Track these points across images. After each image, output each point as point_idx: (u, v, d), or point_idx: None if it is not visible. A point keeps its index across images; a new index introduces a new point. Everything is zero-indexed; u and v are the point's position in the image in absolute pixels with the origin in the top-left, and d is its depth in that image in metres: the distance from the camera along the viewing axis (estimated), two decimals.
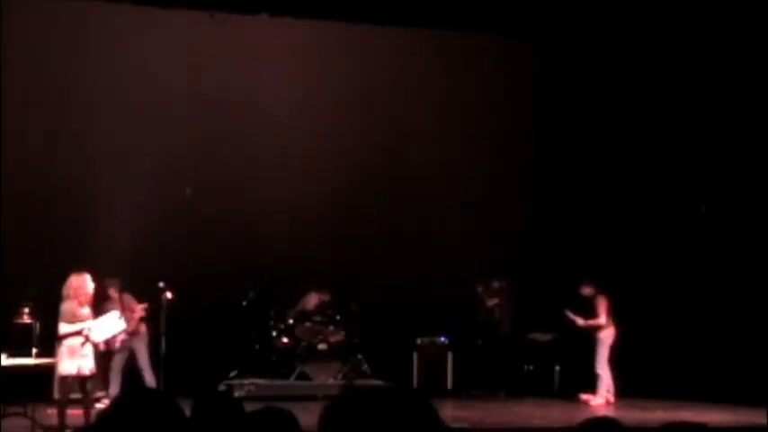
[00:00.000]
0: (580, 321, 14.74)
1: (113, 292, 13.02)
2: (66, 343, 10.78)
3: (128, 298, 13.21)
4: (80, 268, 11.15)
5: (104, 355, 12.46)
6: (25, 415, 11.14)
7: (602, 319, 14.62)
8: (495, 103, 16.61)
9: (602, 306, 14.66)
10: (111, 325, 11.06)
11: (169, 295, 12.67)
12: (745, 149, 14.66)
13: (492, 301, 15.74)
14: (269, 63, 15.63)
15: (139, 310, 13.23)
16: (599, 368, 14.55)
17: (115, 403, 2.90)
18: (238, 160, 15.54)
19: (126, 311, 12.74)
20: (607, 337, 14.60)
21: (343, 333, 15.24)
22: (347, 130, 15.93)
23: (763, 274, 14.00)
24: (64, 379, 10.82)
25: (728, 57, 14.70)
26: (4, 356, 10.99)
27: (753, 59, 14.37)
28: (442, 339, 15.72)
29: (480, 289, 15.77)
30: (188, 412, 3.92)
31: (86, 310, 10.86)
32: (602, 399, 14.46)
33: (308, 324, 15.16)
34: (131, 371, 13.17)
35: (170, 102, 15.14)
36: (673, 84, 15.47)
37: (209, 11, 14.50)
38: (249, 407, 3.73)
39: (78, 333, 10.84)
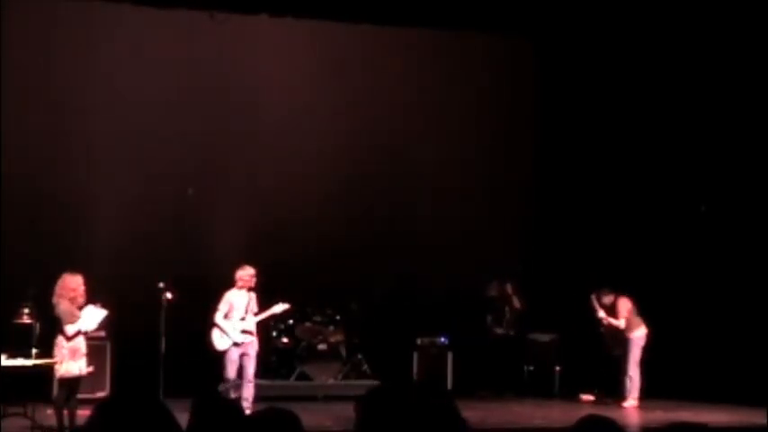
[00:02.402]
0: (601, 314, 14.53)
1: None
2: (69, 345, 10.77)
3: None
4: (79, 269, 11.16)
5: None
6: (25, 415, 11.14)
7: (623, 321, 14.40)
8: (495, 103, 16.61)
9: (623, 308, 14.46)
10: (92, 317, 11.06)
11: (169, 295, 12.64)
12: (745, 149, 14.66)
13: (519, 303, 15.74)
14: (269, 63, 15.62)
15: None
16: (631, 370, 14.30)
17: (102, 405, 2.88)
18: (238, 160, 15.53)
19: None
20: (639, 338, 14.41)
21: (343, 333, 15.24)
22: (347, 130, 15.93)
23: (763, 274, 14.00)
24: (63, 380, 10.82)
25: (728, 57, 14.70)
26: (4, 357, 10.98)
27: (753, 59, 14.37)
28: (442, 339, 15.71)
29: (510, 289, 15.74)
30: (187, 413, 3.93)
31: (79, 310, 10.91)
32: (634, 401, 14.24)
33: (307, 324, 15.16)
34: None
35: (170, 102, 15.13)
36: (673, 84, 15.47)
37: (209, 11, 14.49)
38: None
39: (79, 333, 10.86)
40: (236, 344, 12.68)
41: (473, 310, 15.93)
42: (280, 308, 13.17)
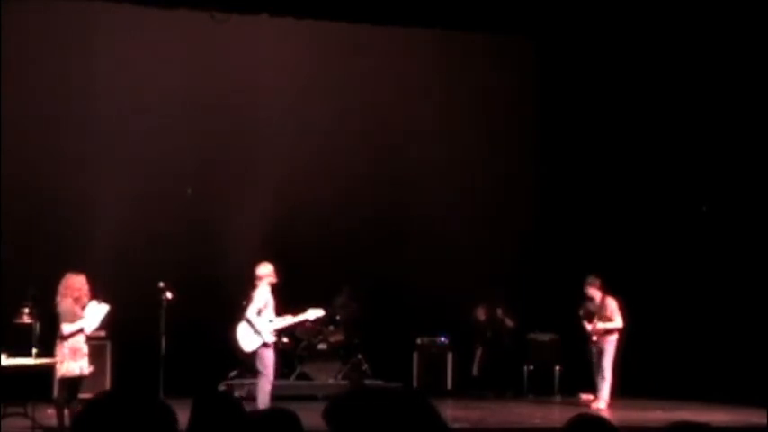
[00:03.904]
0: (597, 326, 13.89)
1: None
2: (68, 344, 10.77)
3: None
4: (80, 269, 11.16)
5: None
6: (25, 415, 11.14)
7: (619, 321, 13.89)
8: (495, 102, 16.61)
9: (616, 307, 13.96)
10: (96, 313, 11.05)
11: (169, 295, 12.64)
12: (746, 149, 14.67)
13: (511, 322, 15.69)
14: (269, 63, 15.63)
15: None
16: (607, 371, 13.88)
17: (91, 402, 2.86)
18: (238, 160, 15.54)
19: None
20: (615, 340, 14.01)
21: (343, 333, 15.25)
22: (347, 130, 15.94)
23: (764, 274, 14.01)
24: (64, 380, 10.81)
25: (729, 56, 14.71)
26: (4, 356, 10.98)
27: (753, 59, 14.37)
28: (442, 339, 15.72)
29: (500, 313, 15.66)
30: (188, 412, 3.93)
31: (81, 310, 10.89)
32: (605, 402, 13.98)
33: (308, 324, 15.16)
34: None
35: (170, 101, 15.14)
36: (674, 83, 15.47)
37: (209, 11, 14.49)
38: (249, 407, 3.73)
39: (81, 331, 10.85)
40: (266, 344, 12.23)
41: (472, 310, 15.93)
42: (313, 314, 12.99)
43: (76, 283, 10.92)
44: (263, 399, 12.07)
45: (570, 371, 15.36)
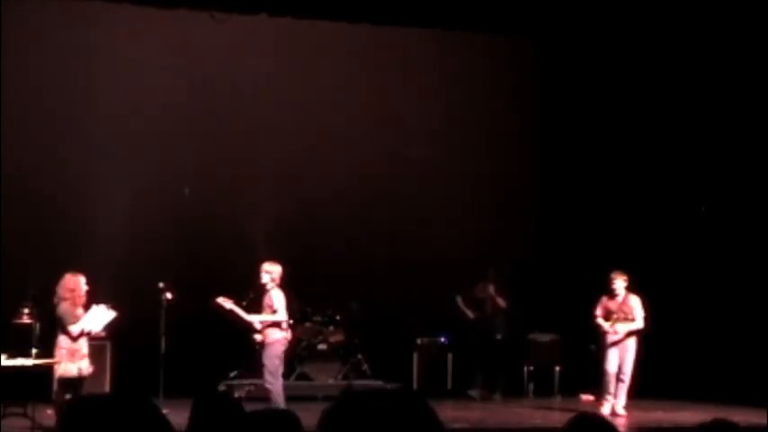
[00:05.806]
0: (616, 327, 13.27)
1: None
2: (67, 345, 10.76)
3: None
4: (79, 269, 11.16)
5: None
6: (25, 415, 11.14)
7: (641, 321, 13.28)
8: (495, 102, 16.60)
9: (638, 305, 13.33)
10: (101, 316, 11.03)
11: (169, 295, 12.63)
12: (745, 149, 14.67)
13: (502, 302, 15.55)
14: (269, 63, 15.63)
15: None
16: (629, 374, 13.39)
17: (69, 405, 2.86)
18: (238, 160, 15.54)
19: None
20: (636, 340, 13.46)
21: (343, 333, 15.25)
22: (348, 130, 15.94)
23: (763, 274, 14.01)
24: (63, 380, 10.81)
25: (729, 56, 14.71)
26: (4, 357, 10.98)
27: (753, 59, 14.38)
28: (442, 339, 15.72)
29: (492, 290, 15.52)
30: (188, 412, 3.93)
31: (80, 311, 10.88)
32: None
33: (307, 324, 15.17)
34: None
35: (169, 102, 15.14)
36: (673, 83, 15.48)
37: (209, 11, 14.50)
38: (249, 407, 3.72)
39: (83, 332, 10.85)
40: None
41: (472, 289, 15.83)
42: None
43: (72, 283, 10.90)
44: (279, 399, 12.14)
45: (570, 371, 15.36)
